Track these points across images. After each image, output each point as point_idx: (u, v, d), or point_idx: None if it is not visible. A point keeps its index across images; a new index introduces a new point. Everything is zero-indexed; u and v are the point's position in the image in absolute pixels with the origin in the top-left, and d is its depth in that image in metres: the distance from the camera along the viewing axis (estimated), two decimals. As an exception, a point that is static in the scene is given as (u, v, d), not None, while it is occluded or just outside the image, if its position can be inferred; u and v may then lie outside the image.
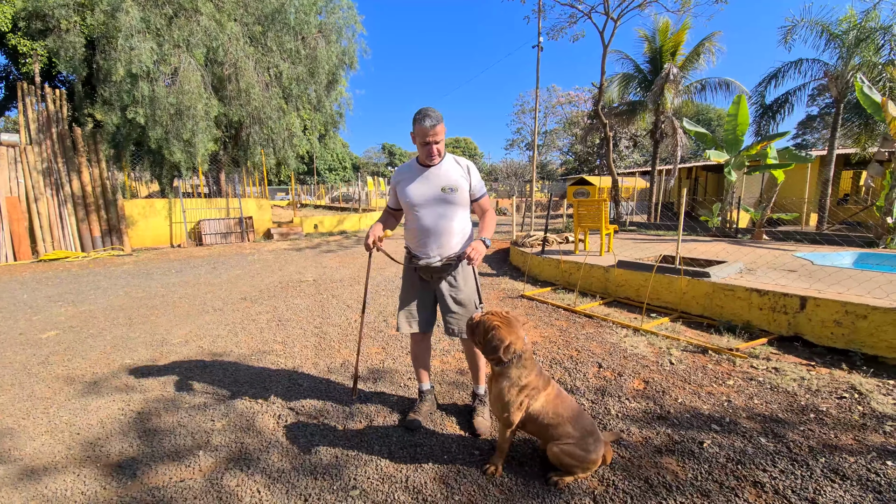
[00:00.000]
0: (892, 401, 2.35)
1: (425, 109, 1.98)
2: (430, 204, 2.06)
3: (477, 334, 1.79)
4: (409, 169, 2.16)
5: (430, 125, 1.95)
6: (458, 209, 2.09)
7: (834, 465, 1.86)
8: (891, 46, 7.59)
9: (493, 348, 1.70)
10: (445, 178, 2.07)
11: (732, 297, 3.71)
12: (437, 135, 1.98)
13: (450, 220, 2.08)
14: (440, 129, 1.98)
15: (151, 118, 8.69)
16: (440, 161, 2.11)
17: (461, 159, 2.15)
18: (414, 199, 2.08)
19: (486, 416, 2.25)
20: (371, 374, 2.93)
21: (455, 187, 2.05)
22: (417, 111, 2.01)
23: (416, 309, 2.21)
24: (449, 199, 2.06)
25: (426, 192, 2.07)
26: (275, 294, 5.32)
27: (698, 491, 1.75)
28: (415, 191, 2.08)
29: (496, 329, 1.71)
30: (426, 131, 1.96)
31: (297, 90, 11.74)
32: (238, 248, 9.92)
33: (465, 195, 2.09)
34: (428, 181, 2.08)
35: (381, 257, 7.90)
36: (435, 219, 2.06)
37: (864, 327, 2.95)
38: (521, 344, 1.74)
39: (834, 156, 8.65)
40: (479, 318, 1.80)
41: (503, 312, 1.78)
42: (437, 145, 2.01)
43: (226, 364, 3.13)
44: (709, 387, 2.63)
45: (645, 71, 12.40)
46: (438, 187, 2.06)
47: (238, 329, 3.95)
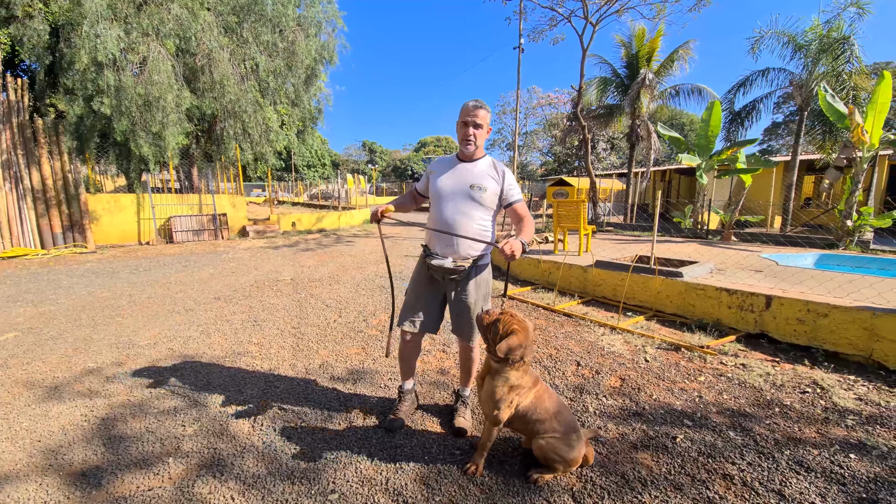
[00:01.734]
0: (852, 395, 2.48)
1: (475, 98, 2.02)
2: (455, 198, 2.02)
3: (490, 332, 1.78)
4: (447, 161, 2.14)
5: (474, 105, 1.97)
6: (482, 210, 2.03)
7: (799, 458, 1.95)
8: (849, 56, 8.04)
9: (507, 350, 1.70)
10: (478, 176, 2.03)
11: (703, 296, 3.84)
12: (477, 116, 1.97)
13: (470, 219, 2.01)
14: (483, 114, 1.98)
15: (117, 109, 8.28)
16: (478, 158, 2.08)
17: (499, 163, 2.10)
18: (441, 190, 2.04)
19: (467, 417, 2.25)
20: (350, 374, 2.88)
21: (484, 187, 2.01)
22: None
23: (421, 308, 2.15)
24: (475, 197, 2.00)
25: (454, 185, 2.03)
26: (250, 293, 5.18)
27: (672, 485, 1.80)
28: (444, 181, 2.05)
29: (515, 334, 1.71)
30: (468, 110, 1.97)
31: (275, 84, 11.45)
32: (211, 246, 9.60)
33: (493, 197, 2.03)
34: (459, 175, 2.05)
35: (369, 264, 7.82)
36: (455, 214, 2.01)
37: (825, 325, 3.11)
38: (531, 350, 1.75)
39: (797, 161, 9.13)
40: (496, 317, 1.78)
41: (520, 317, 1.79)
42: (475, 129, 1.98)
43: (198, 366, 3.02)
44: (681, 383, 2.71)
45: (622, 76, 12.72)
46: (468, 183, 2.01)
47: (211, 330, 3.82)
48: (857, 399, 2.44)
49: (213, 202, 10.69)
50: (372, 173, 31.85)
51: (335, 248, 9.21)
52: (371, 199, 22.58)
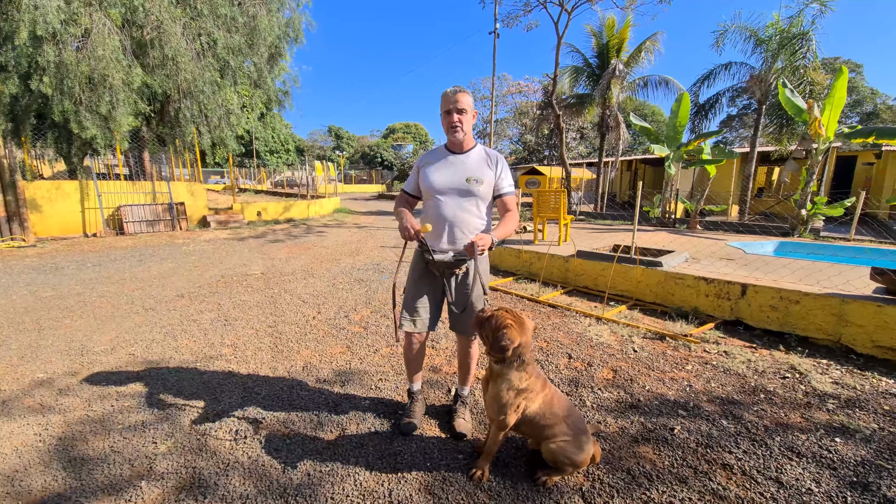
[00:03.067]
0: (829, 379, 2.61)
1: (455, 85, 1.89)
2: (453, 193, 1.92)
3: (485, 329, 1.68)
4: (436, 154, 2.01)
5: (454, 91, 1.85)
6: (481, 203, 1.96)
7: (789, 444, 2.02)
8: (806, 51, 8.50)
9: (500, 347, 1.61)
10: (472, 168, 1.93)
11: (682, 286, 3.95)
12: (458, 102, 1.85)
13: (470, 214, 1.93)
14: (464, 98, 1.86)
15: (59, 88, 7.43)
16: (470, 149, 1.97)
17: (491, 151, 2.01)
18: (437, 186, 1.92)
19: (466, 418, 2.17)
20: (337, 376, 2.72)
21: (480, 179, 1.91)
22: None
23: (423, 306, 2.04)
24: (472, 191, 1.91)
25: (450, 180, 1.92)
26: (217, 290, 4.84)
27: (676, 478, 1.81)
28: (439, 177, 1.93)
29: (508, 328, 1.62)
30: (448, 98, 1.86)
31: (235, 63, 10.65)
32: (169, 238, 8.94)
33: (489, 189, 1.95)
34: (454, 168, 1.93)
35: (325, 247, 7.52)
36: (455, 210, 1.92)
37: (797, 311, 3.27)
38: (528, 348, 1.67)
39: (756, 153, 9.64)
40: (490, 313, 1.69)
41: (517, 312, 1.70)
42: (459, 115, 1.87)
43: (165, 374, 2.76)
44: (671, 372, 2.76)
45: (593, 65, 12.85)
46: (464, 177, 1.91)
47: (177, 331, 3.51)
48: (834, 383, 2.56)
49: (168, 190, 9.93)
50: (340, 160, 30.82)
51: (307, 240, 8.83)
52: (340, 186, 21.89)
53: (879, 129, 6.11)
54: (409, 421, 2.11)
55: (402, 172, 25.90)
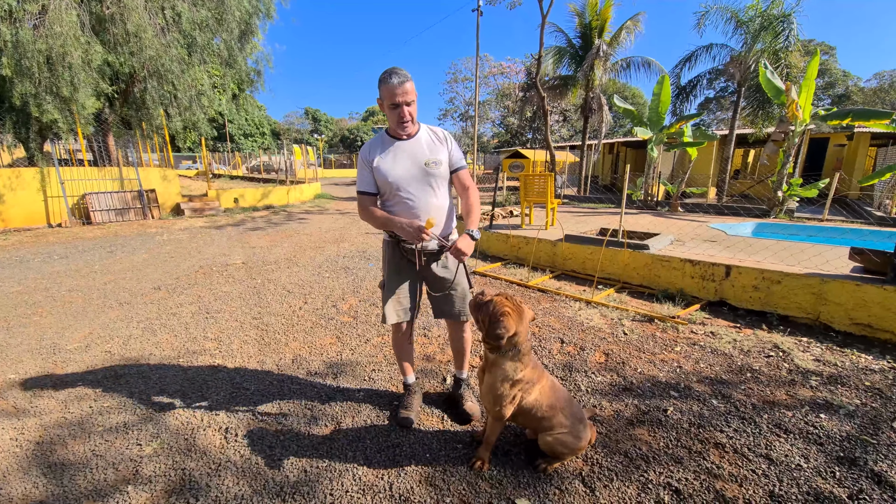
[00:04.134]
0: (811, 357, 2.70)
1: (391, 69, 1.71)
2: (416, 182, 1.83)
3: (482, 313, 1.64)
4: (383, 144, 1.86)
5: (399, 82, 1.68)
6: (444, 184, 1.90)
7: (777, 421, 2.08)
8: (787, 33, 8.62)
9: (496, 335, 1.57)
10: (427, 150, 1.84)
11: (669, 268, 4.00)
12: (407, 94, 1.71)
13: (438, 198, 1.88)
14: (410, 87, 1.72)
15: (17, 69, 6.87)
16: (417, 131, 1.86)
17: (436, 128, 1.93)
18: (398, 179, 1.81)
19: (474, 400, 2.17)
20: (329, 368, 2.66)
21: (438, 160, 1.84)
22: (383, 72, 1.72)
23: (405, 297, 2.00)
24: (433, 174, 1.83)
25: (409, 168, 1.82)
26: (196, 281, 4.65)
27: (672, 459, 1.84)
28: (396, 169, 1.81)
29: (506, 316, 1.57)
30: (394, 90, 1.69)
31: (203, 39, 10.06)
32: (140, 227, 8.55)
33: (446, 168, 1.89)
34: (408, 156, 1.83)
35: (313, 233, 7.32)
36: (425, 198, 1.84)
37: (778, 291, 3.36)
38: (525, 337, 1.63)
39: (734, 135, 9.82)
40: (490, 298, 1.64)
41: (517, 299, 1.66)
42: (408, 107, 1.74)
43: (146, 371, 2.64)
44: (661, 354, 2.80)
45: (576, 46, 12.71)
46: (421, 162, 1.82)
47: (156, 326, 3.36)
48: (816, 360, 2.66)
49: (137, 176, 9.44)
50: (318, 143, 29.94)
51: (288, 227, 8.59)
52: (320, 171, 21.33)
53: (855, 111, 6.28)
54: (406, 415, 2.07)
55: (383, 156, 25.42)
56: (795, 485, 1.68)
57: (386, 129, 1.90)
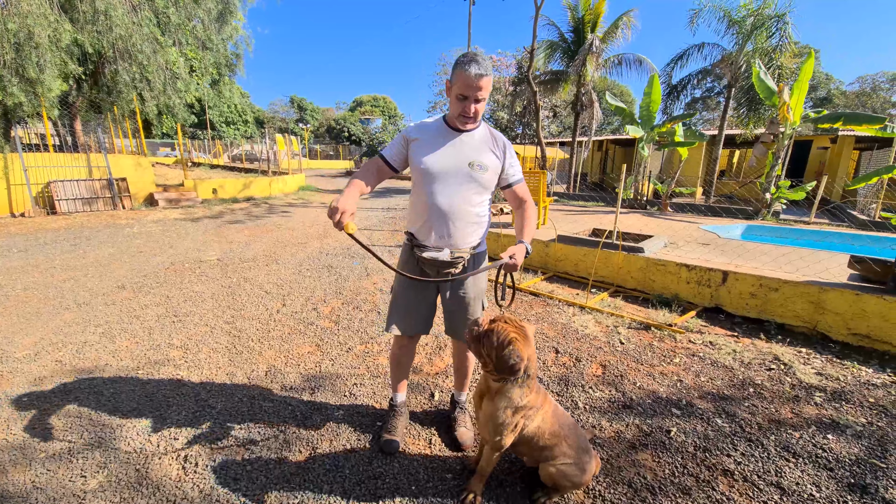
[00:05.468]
0: (812, 370, 2.60)
1: (473, 54, 1.48)
2: (451, 179, 1.60)
3: (485, 346, 1.43)
4: (435, 129, 1.64)
5: (477, 74, 1.44)
6: (483, 193, 1.66)
7: (784, 443, 1.96)
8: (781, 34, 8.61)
9: (510, 367, 1.37)
10: (477, 151, 1.61)
11: (664, 272, 3.89)
12: (482, 89, 1.48)
13: (469, 205, 1.63)
14: (488, 82, 1.48)
15: None
16: (474, 128, 1.64)
17: (497, 133, 1.69)
18: (433, 169, 1.59)
19: (468, 426, 1.99)
20: (306, 382, 2.44)
21: (485, 165, 1.60)
22: (463, 54, 1.49)
23: (413, 307, 1.79)
24: (475, 178, 1.61)
25: (450, 163, 1.59)
26: (166, 279, 4.34)
27: (679, 489, 1.70)
28: (436, 159, 1.59)
29: (514, 343, 1.38)
30: (471, 81, 1.45)
31: (177, 18, 9.52)
32: (109, 218, 8.08)
33: (493, 178, 1.65)
34: (454, 149, 1.60)
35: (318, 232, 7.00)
36: (452, 199, 1.60)
37: (775, 299, 3.27)
38: (534, 361, 1.45)
39: (723, 136, 9.84)
40: (489, 327, 1.44)
41: (518, 321, 1.45)
42: (477, 104, 1.52)
43: (99, 385, 2.37)
44: (660, 367, 2.67)
45: (569, 40, 12.54)
46: (466, 161, 1.59)
47: (115, 331, 3.08)
48: (818, 374, 2.56)
49: (107, 163, 8.90)
50: (304, 133, 29.15)
51: (269, 220, 8.24)
52: (305, 162, 20.75)
53: (847, 115, 6.29)
54: (390, 438, 1.88)
55: (371, 149, 24.89)
56: (811, 520, 1.56)
57: (445, 115, 1.68)
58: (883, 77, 32.15)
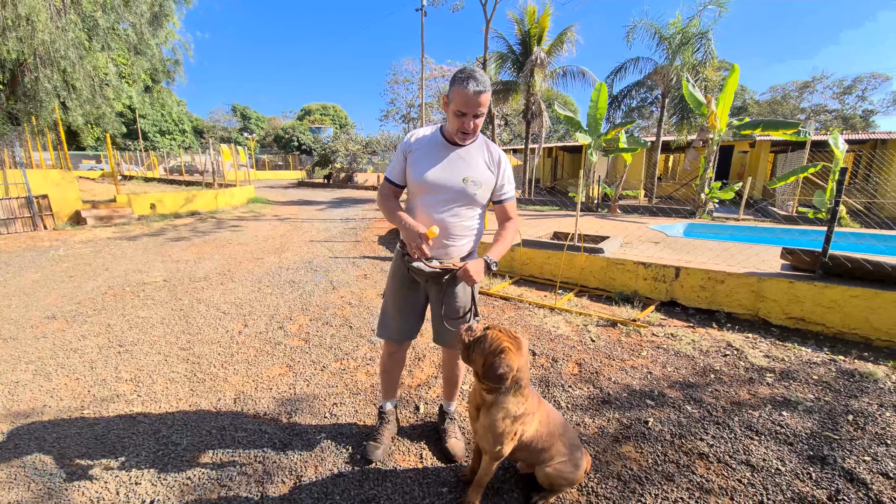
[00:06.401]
0: (760, 353, 2.85)
1: (471, 70, 1.47)
2: (444, 194, 1.59)
3: (475, 353, 1.41)
4: (432, 142, 1.63)
5: (476, 91, 1.44)
6: (476, 208, 1.66)
7: (746, 422, 2.13)
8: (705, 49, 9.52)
9: (498, 376, 1.36)
10: (472, 166, 1.60)
11: (623, 270, 4.11)
12: (481, 106, 1.47)
13: (460, 219, 1.63)
14: (486, 99, 1.47)
15: None
16: (471, 142, 1.62)
17: (494, 146, 1.68)
18: (427, 182, 1.58)
19: (458, 436, 1.97)
20: (281, 406, 2.30)
21: (479, 181, 1.60)
22: (460, 70, 1.48)
23: (402, 314, 1.78)
24: (468, 194, 1.59)
25: (444, 177, 1.58)
26: (104, 306, 3.92)
27: (663, 477, 1.78)
28: (431, 172, 1.58)
29: (506, 352, 1.36)
30: (469, 98, 1.44)
31: (105, 21, 8.77)
32: (30, 241, 7.19)
33: (486, 193, 1.65)
34: (450, 164, 1.59)
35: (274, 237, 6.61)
36: (446, 214, 1.60)
37: (722, 290, 3.57)
38: (526, 371, 1.45)
39: (660, 143, 10.68)
40: (481, 333, 1.42)
41: (510, 331, 1.45)
42: (476, 119, 1.51)
43: (39, 429, 2.08)
44: (630, 360, 2.81)
45: (517, 52, 13.04)
46: (460, 176, 1.58)
47: (50, 367, 2.72)
48: (766, 356, 2.82)
49: (25, 180, 7.94)
50: (249, 143, 27.79)
51: (218, 236, 7.72)
52: (253, 173, 19.75)
53: (766, 122, 7.08)
54: (370, 444, 1.88)
55: (323, 158, 24.20)
56: (780, 491, 1.69)
57: (442, 126, 1.65)
58: (793, 86, 36.42)
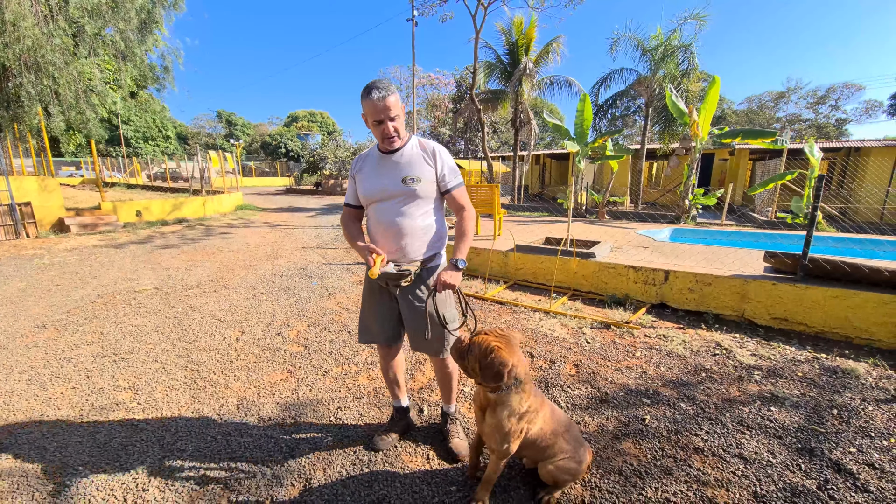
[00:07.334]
0: (748, 352, 2.97)
1: (372, 82, 1.58)
2: (389, 198, 1.69)
3: (468, 360, 1.47)
4: (371, 159, 1.76)
5: (380, 97, 1.55)
6: (423, 204, 1.72)
7: (738, 418, 2.22)
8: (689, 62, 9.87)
9: (495, 374, 1.41)
10: (408, 165, 1.68)
11: (615, 274, 4.23)
12: (390, 109, 1.57)
13: (411, 219, 1.69)
14: (394, 101, 1.58)
15: None
16: (403, 145, 1.69)
17: (428, 142, 1.75)
18: (371, 194, 1.71)
19: (462, 436, 2.02)
20: (285, 411, 2.31)
21: (417, 177, 1.67)
22: (365, 86, 1.57)
23: (375, 320, 1.87)
24: (411, 193, 1.67)
25: (385, 184, 1.68)
26: (95, 314, 3.86)
27: (662, 471, 1.86)
28: (373, 183, 1.71)
29: (496, 351, 1.42)
30: (376, 106, 1.56)
31: (92, 28, 8.66)
32: (13, 249, 6.99)
33: (431, 186, 1.71)
34: (388, 171, 1.69)
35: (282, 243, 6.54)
36: (393, 217, 1.69)
37: (710, 292, 3.70)
38: (524, 366, 1.50)
39: (645, 150, 11.00)
40: (470, 341, 1.48)
41: (499, 330, 1.51)
42: (393, 122, 1.60)
43: (39, 438, 2.05)
44: (625, 361, 2.89)
45: (505, 62, 13.30)
46: (399, 178, 1.67)
47: (45, 377, 2.68)
48: (753, 355, 2.93)
49: (8, 187, 7.73)
50: (236, 149, 27.51)
51: (208, 243, 7.63)
52: (240, 180, 19.56)
53: (745, 132, 7.37)
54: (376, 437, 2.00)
55: (311, 164, 24.10)
56: (772, 482, 1.78)
57: (377, 144, 1.74)
58: (768, 96, 37.74)
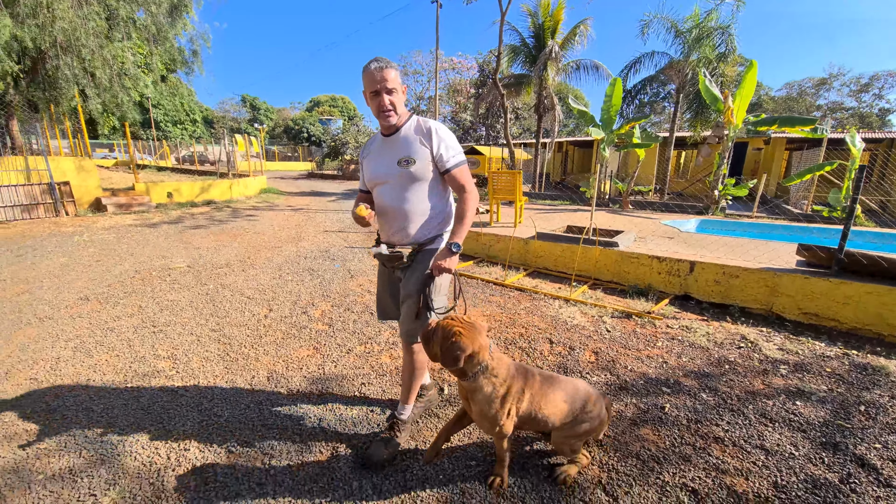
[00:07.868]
0: (774, 346, 2.91)
1: (374, 57, 1.63)
2: (388, 181, 1.73)
3: (433, 343, 1.51)
4: (375, 143, 1.83)
5: (378, 67, 1.59)
6: (420, 185, 1.71)
7: (761, 410, 2.20)
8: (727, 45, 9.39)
9: (453, 358, 1.44)
10: (403, 146, 1.70)
11: (637, 264, 4.17)
12: (386, 80, 1.59)
13: (408, 202, 1.71)
14: (392, 75, 1.61)
15: None
16: (401, 125, 1.71)
17: (426, 120, 1.73)
18: (373, 177, 1.78)
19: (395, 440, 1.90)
20: (312, 385, 2.41)
21: (412, 158, 1.67)
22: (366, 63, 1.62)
23: (383, 297, 1.99)
24: (406, 174, 1.68)
25: (384, 166, 1.73)
26: (134, 289, 4.08)
27: (680, 457, 1.87)
28: (373, 167, 1.77)
29: (457, 336, 1.45)
30: (374, 76, 1.59)
31: (125, 11, 8.89)
32: (53, 226, 7.39)
33: (426, 166, 1.69)
34: (386, 153, 1.73)
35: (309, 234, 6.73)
36: (391, 199, 1.73)
37: (737, 285, 3.61)
38: (486, 353, 1.52)
39: (674, 138, 10.62)
40: (434, 324, 1.52)
41: (464, 317, 1.53)
42: (389, 95, 1.62)
43: (86, 401, 2.22)
44: (646, 350, 2.88)
45: (530, 46, 12.96)
46: (395, 160, 1.69)
47: (90, 345, 2.87)
48: (780, 349, 2.87)
49: (48, 166, 8.14)
50: (260, 133, 28.01)
51: (235, 225, 7.88)
52: (264, 164, 19.95)
53: (782, 118, 7.02)
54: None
55: (332, 149, 24.31)
56: (793, 473, 1.77)
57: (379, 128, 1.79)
58: (809, 83, 35.50)
